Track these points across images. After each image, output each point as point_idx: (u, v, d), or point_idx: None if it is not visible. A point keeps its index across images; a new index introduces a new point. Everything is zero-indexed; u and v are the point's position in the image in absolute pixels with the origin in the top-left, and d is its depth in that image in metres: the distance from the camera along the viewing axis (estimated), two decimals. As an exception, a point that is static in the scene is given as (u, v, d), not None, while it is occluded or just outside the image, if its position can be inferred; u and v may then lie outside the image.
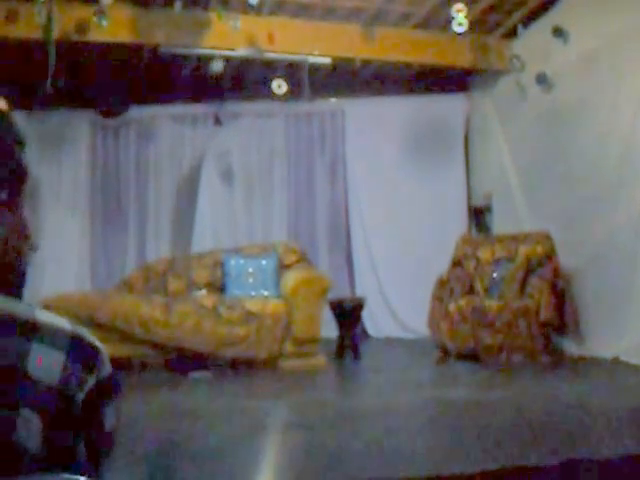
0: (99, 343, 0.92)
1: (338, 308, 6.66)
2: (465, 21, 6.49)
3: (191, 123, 8.84)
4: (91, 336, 0.91)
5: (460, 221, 8.68)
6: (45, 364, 0.85)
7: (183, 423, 4.08)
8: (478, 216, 8.82)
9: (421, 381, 5.58)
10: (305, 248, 7.28)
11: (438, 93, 8.74)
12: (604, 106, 6.36)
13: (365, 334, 8.13)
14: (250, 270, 6.61)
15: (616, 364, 5.80)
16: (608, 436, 3.44)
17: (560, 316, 6.18)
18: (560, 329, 6.29)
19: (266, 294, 6.44)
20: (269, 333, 6.06)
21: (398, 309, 8.46)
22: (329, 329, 6.73)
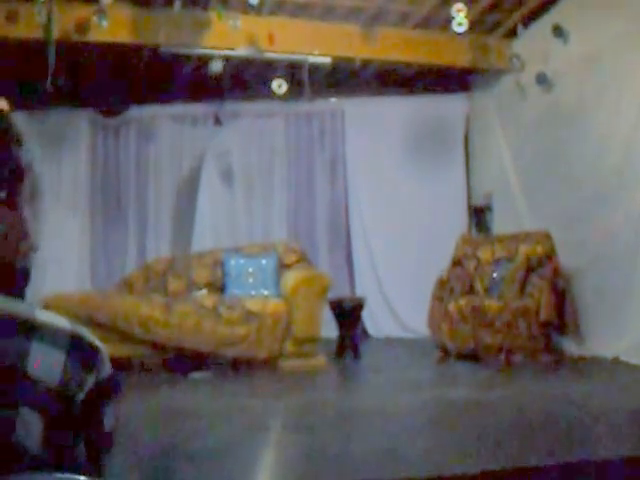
0: (99, 343, 0.92)
1: (338, 308, 6.66)
2: (465, 21, 6.49)
3: (191, 123, 8.83)
4: (91, 336, 0.91)
5: (460, 221, 8.67)
6: (45, 364, 0.85)
7: (183, 423, 4.08)
8: (478, 216, 8.81)
9: (421, 381, 5.58)
10: (305, 248, 7.28)
11: (438, 93, 8.73)
12: (604, 106, 6.36)
13: (365, 334, 8.12)
14: (250, 270, 6.61)
15: (616, 364, 5.80)
16: (608, 436, 3.44)
17: (560, 316, 6.18)
18: (560, 329, 6.29)
19: (266, 294, 6.44)
20: (269, 333, 6.06)
21: (398, 309, 8.45)
22: (329, 329, 6.72)
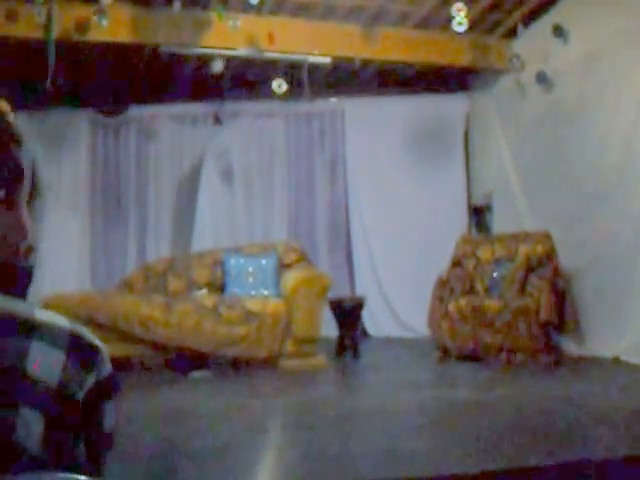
0: (99, 342, 0.92)
1: (338, 307, 6.66)
2: (465, 20, 6.49)
3: (191, 123, 8.84)
4: (91, 335, 0.91)
5: (460, 220, 8.68)
6: (45, 363, 0.85)
7: (183, 422, 4.09)
8: (478, 215, 8.82)
9: (421, 381, 5.58)
10: (305, 247, 7.28)
11: (438, 93, 8.74)
12: (604, 106, 6.36)
13: (365, 333, 8.13)
14: (250, 269, 6.61)
15: (616, 364, 5.80)
16: (608, 436, 3.44)
17: (560, 316, 6.17)
18: (560, 329, 6.28)
19: (266, 293, 6.44)
20: (269, 332, 6.06)
21: (398, 308, 8.46)
22: (329, 328, 6.73)
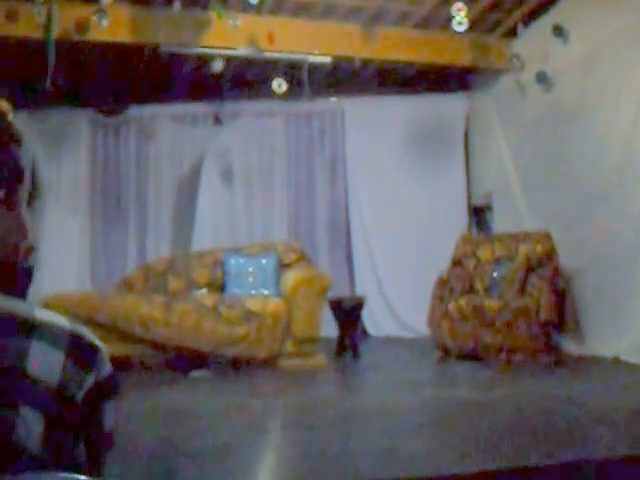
0: (99, 342, 0.92)
1: (338, 307, 6.66)
2: (465, 20, 6.49)
3: (191, 122, 8.84)
4: (91, 335, 0.91)
5: (460, 220, 8.67)
6: (45, 363, 0.85)
7: (183, 422, 4.09)
8: (478, 215, 8.82)
9: (421, 380, 5.58)
10: (305, 247, 7.28)
11: (438, 92, 8.73)
12: (604, 105, 6.36)
13: (365, 333, 8.13)
14: (250, 269, 6.61)
15: (616, 363, 5.80)
16: (608, 436, 3.44)
17: (560, 315, 6.17)
18: (560, 328, 6.29)
19: (266, 293, 6.44)
20: (269, 332, 6.06)
21: (398, 308, 8.45)
22: (329, 328, 6.72)
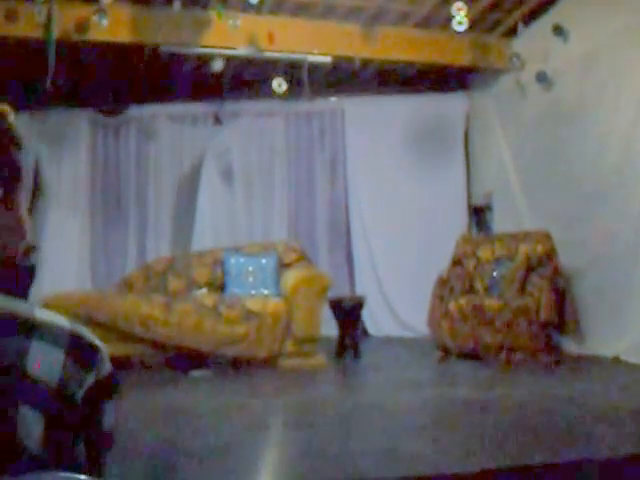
0: (99, 341, 0.92)
1: (338, 307, 6.66)
2: (465, 20, 6.49)
3: (191, 122, 8.84)
4: (90, 335, 0.91)
5: (460, 220, 8.67)
6: (45, 363, 0.85)
7: (183, 421, 4.09)
8: (478, 215, 8.82)
9: (421, 380, 5.58)
10: (305, 247, 7.28)
11: (438, 92, 8.73)
12: (604, 105, 6.36)
13: (365, 333, 8.12)
14: (250, 269, 6.61)
15: (616, 363, 5.80)
16: (609, 435, 3.44)
17: (560, 315, 6.17)
18: (560, 328, 6.29)
19: (266, 293, 6.44)
20: (269, 332, 6.06)
21: (398, 308, 8.45)
22: (329, 328, 6.72)
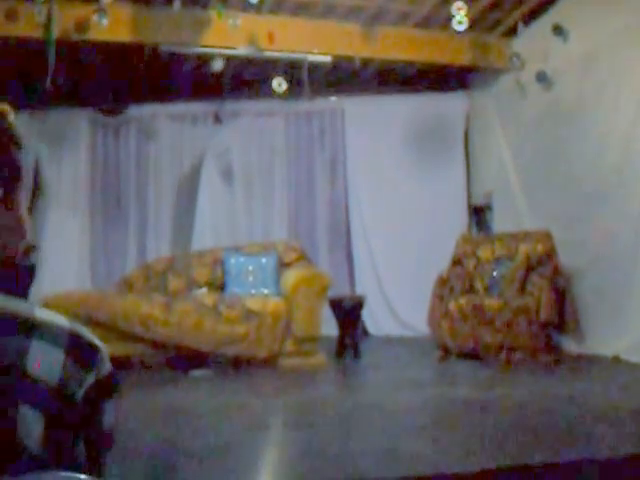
0: (98, 341, 0.92)
1: (338, 306, 6.66)
2: (465, 19, 6.49)
3: (191, 122, 8.83)
4: (90, 334, 0.91)
5: (460, 219, 8.67)
6: (44, 362, 0.85)
7: (183, 421, 4.09)
8: (478, 214, 8.82)
9: (421, 380, 5.58)
10: (305, 246, 7.28)
11: (438, 92, 8.73)
12: (604, 105, 6.36)
13: (365, 332, 8.12)
14: (250, 268, 6.61)
15: (616, 363, 5.80)
16: (609, 435, 3.44)
17: (560, 315, 6.17)
18: (560, 328, 6.29)
19: (266, 292, 6.44)
20: (269, 331, 6.06)
21: (398, 307, 8.45)
22: (329, 327, 6.72)
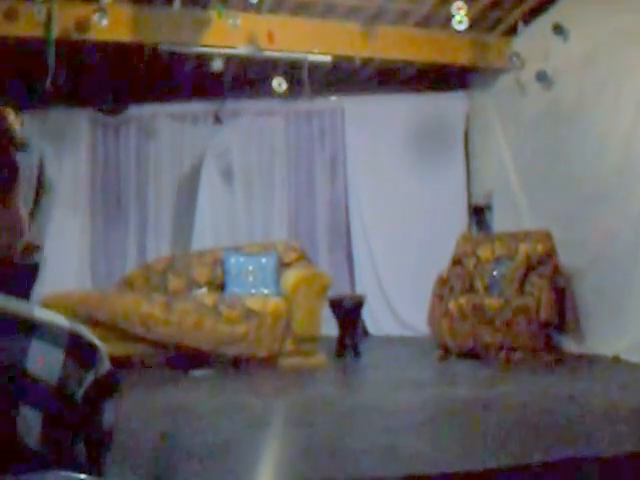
0: (97, 341, 0.92)
1: (338, 306, 6.66)
2: (465, 19, 6.49)
3: (191, 121, 8.83)
4: (89, 334, 0.91)
5: (460, 219, 8.67)
6: (44, 362, 0.85)
7: (184, 421, 4.09)
8: (478, 214, 8.81)
9: (422, 379, 5.58)
10: (305, 246, 7.29)
11: (438, 91, 8.73)
12: (604, 104, 6.36)
13: (365, 332, 8.12)
14: (250, 268, 6.62)
15: (616, 362, 5.80)
16: (609, 434, 3.44)
17: (560, 314, 6.18)
18: (560, 327, 6.29)
19: (266, 292, 6.45)
20: (269, 331, 6.06)
21: (398, 307, 8.45)
22: (329, 327, 6.72)
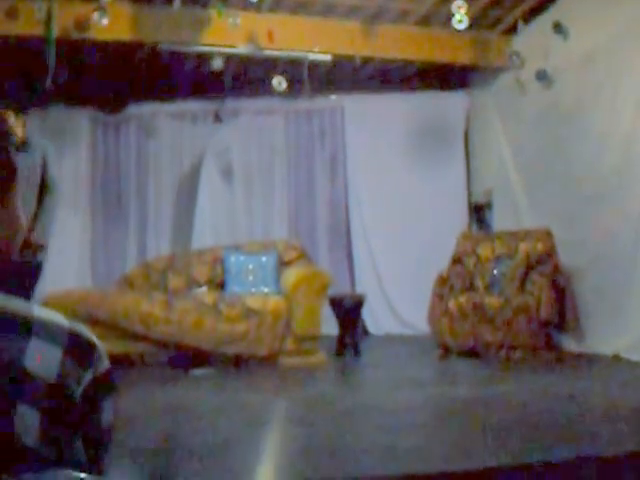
0: (96, 339, 0.92)
1: (338, 305, 6.66)
2: (465, 18, 6.49)
3: (191, 120, 8.83)
4: (88, 332, 0.92)
5: (460, 218, 8.67)
6: (43, 360, 0.85)
7: (184, 419, 4.09)
8: (478, 213, 8.81)
9: (422, 378, 5.58)
10: (305, 245, 7.28)
11: (438, 90, 8.73)
12: (604, 104, 6.36)
13: (365, 331, 8.12)
14: (250, 267, 6.62)
15: (616, 361, 5.81)
16: (609, 433, 3.44)
17: (560, 313, 6.18)
18: (560, 326, 6.29)
19: (266, 291, 6.45)
20: (269, 330, 6.06)
21: (398, 306, 8.46)
22: (329, 326, 6.73)
